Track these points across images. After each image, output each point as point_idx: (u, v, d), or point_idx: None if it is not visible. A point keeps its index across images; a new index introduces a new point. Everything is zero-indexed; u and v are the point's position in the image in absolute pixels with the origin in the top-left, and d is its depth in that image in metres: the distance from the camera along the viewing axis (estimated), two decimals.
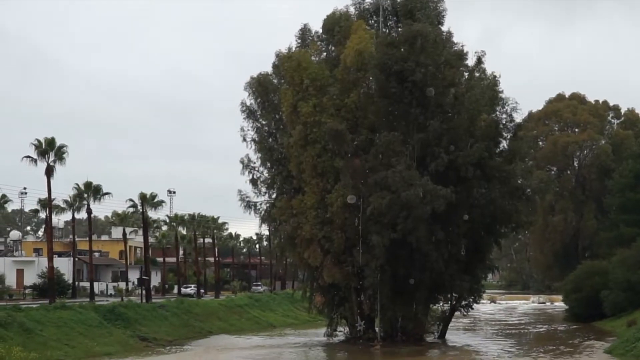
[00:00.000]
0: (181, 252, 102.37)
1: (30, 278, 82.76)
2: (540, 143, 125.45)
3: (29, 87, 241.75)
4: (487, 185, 56.81)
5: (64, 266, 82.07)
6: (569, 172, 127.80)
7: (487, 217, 57.09)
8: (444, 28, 59.24)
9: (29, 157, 61.05)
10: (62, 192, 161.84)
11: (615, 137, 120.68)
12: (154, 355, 50.71)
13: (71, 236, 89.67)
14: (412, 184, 51.55)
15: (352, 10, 60.84)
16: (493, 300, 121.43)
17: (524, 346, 58.16)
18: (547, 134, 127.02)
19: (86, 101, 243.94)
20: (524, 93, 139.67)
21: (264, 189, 62.37)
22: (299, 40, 60.84)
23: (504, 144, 59.12)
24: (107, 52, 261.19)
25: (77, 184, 73.81)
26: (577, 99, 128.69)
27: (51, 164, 61.37)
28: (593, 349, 51.18)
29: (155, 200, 78.47)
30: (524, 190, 60.04)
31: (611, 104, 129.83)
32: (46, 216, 69.46)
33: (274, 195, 61.83)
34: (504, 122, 58.65)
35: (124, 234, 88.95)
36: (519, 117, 59.50)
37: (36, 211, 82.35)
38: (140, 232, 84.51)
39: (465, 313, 63.69)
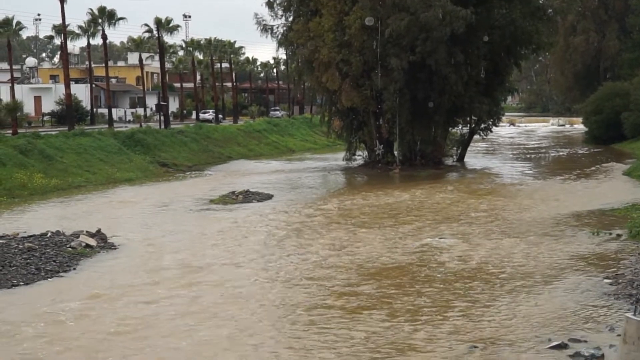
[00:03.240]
0: (198, 77, 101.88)
1: (48, 105, 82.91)
2: None
3: None
4: (507, 5, 55.43)
5: (81, 93, 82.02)
6: None
7: (507, 39, 55.98)
8: None
9: None
10: (77, 18, 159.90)
11: None
12: (174, 180, 51.11)
13: (87, 62, 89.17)
14: (431, 5, 50.24)
15: None
16: (512, 123, 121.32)
17: (543, 169, 58.27)
18: None
19: None
20: None
21: (280, 12, 61.17)
22: None
23: None
24: None
25: (91, 9, 72.64)
26: None
27: None
28: (612, 170, 51.13)
29: (171, 24, 77.36)
30: (545, 10, 58.58)
31: None
32: (61, 42, 68.73)
33: (290, 18, 60.68)
34: None
35: (140, 60, 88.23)
36: None
37: (51, 37, 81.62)
38: (157, 57, 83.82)
39: (484, 136, 63.64)
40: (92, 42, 78.93)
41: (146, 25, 77.90)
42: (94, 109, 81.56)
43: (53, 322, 17.03)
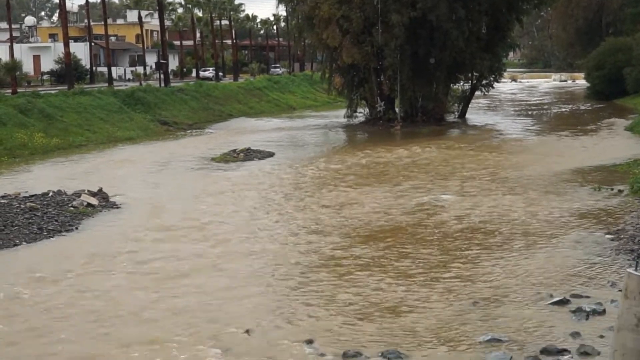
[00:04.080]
0: (198, 35, 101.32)
1: (47, 64, 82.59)
2: None
3: None
4: None
5: (81, 51, 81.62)
6: None
7: None
8: None
9: None
10: None
11: None
12: (175, 139, 51.02)
13: (86, 20, 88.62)
14: None
15: None
16: (514, 79, 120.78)
17: (545, 125, 58.14)
18: None
19: None
20: None
21: None
22: None
23: None
24: None
25: None
26: None
27: None
28: (614, 126, 51.04)
29: None
30: None
31: None
32: (60, 0, 68.11)
33: None
34: None
35: (140, 18, 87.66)
36: None
37: None
38: (156, 15, 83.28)
39: (485, 92, 63.38)
40: None
41: None
42: (94, 68, 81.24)
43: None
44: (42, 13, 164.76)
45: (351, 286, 16.13)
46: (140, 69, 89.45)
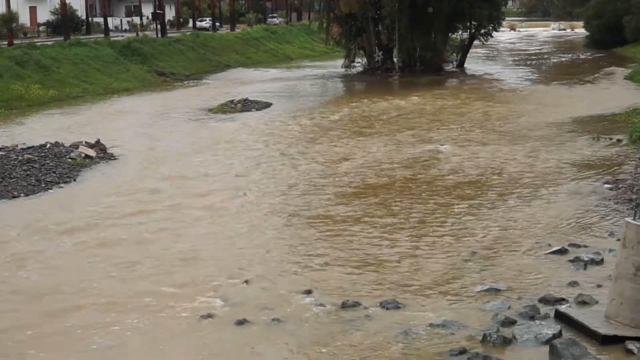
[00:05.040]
0: None
1: (43, 15, 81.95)
2: None
3: None
4: None
5: (77, 2, 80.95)
6: None
7: None
8: None
9: None
10: None
11: None
12: (172, 89, 50.76)
13: None
14: None
15: None
16: (513, 28, 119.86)
17: (544, 74, 57.86)
18: None
19: None
20: None
21: None
22: None
23: None
24: None
25: None
26: None
27: None
28: (613, 75, 50.82)
29: None
30: None
31: None
32: None
33: None
34: None
35: None
36: None
37: None
38: None
39: (484, 42, 62.93)
40: None
41: None
42: (90, 19, 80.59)
43: None
44: None
45: (347, 240, 16.10)
46: (136, 20, 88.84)
